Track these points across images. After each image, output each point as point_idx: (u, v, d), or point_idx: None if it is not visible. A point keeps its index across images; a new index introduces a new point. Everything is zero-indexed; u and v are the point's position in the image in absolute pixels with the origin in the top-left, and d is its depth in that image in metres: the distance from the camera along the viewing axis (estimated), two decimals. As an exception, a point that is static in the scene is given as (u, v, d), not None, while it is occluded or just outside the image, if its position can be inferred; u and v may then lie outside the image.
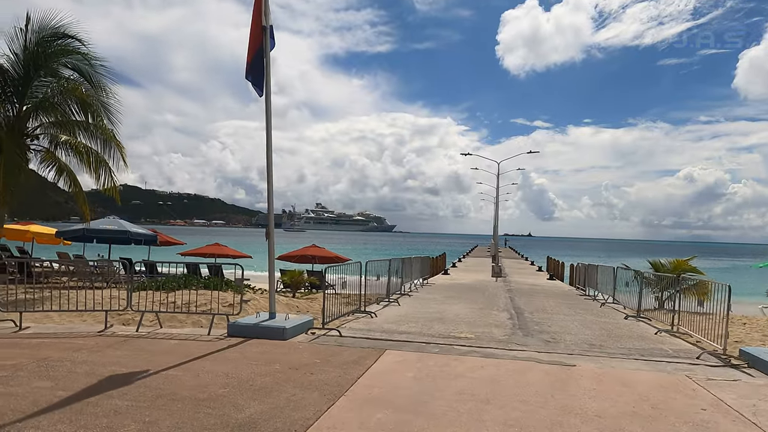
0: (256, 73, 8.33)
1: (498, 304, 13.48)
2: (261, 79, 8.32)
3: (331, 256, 18.06)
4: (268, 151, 8.35)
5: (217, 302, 9.43)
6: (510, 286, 19.70)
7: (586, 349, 7.86)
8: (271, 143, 8.35)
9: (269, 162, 8.35)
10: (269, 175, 8.35)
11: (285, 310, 10.97)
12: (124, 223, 15.34)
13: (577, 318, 11.24)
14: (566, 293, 17.61)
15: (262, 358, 6.58)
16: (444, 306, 12.55)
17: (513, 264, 38.73)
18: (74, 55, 12.28)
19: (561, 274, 27.33)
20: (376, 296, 12.60)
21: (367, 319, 10.00)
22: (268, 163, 8.35)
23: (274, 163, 8.40)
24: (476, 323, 9.96)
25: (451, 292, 16.49)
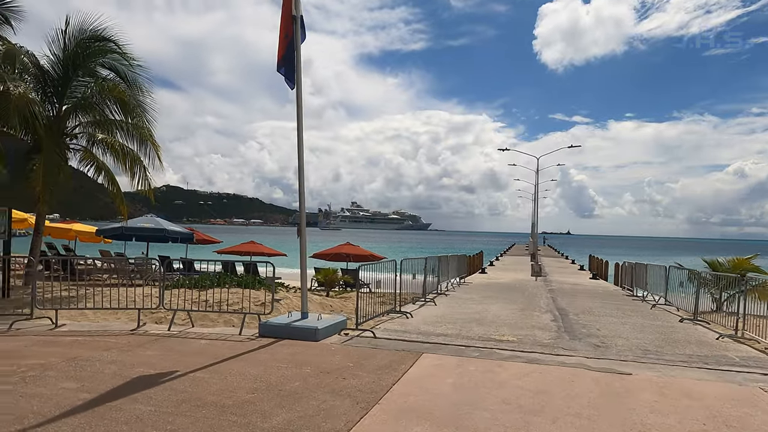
0: (288, 66, 8.07)
1: (539, 304, 12.85)
2: (293, 72, 8.05)
3: (365, 255, 17.77)
4: (300, 146, 8.08)
5: (249, 301, 9.24)
6: (551, 285, 18.92)
7: (641, 355, 7.22)
8: (302, 138, 8.08)
9: (300, 157, 8.08)
10: (300, 171, 8.08)
11: (318, 310, 10.71)
12: (161, 221, 15.50)
13: (627, 320, 10.52)
14: (612, 293, 16.73)
15: (293, 360, 6.29)
16: (482, 306, 12.03)
17: (553, 263, 37.55)
18: (111, 55, 12.43)
19: (605, 274, 26.21)
20: (412, 296, 12.21)
21: (402, 319, 9.62)
22: (300, 158, 8.08)
23: (310, 163, 8.30)
24: (518, 325, 9.42)
25: (489, 291, 15.92)
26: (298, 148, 8.07)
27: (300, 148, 8.06)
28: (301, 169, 8.07)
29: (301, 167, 8.07)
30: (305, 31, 8.43)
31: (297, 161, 8.06)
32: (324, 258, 18.30)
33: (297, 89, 8.10)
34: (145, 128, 13.10)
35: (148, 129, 13.09)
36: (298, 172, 8.05)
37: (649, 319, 10.95)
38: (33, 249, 11.55)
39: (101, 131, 12.55)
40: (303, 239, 8.15)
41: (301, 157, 8.07)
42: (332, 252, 17.75)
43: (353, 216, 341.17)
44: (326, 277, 12.74)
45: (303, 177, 8.06)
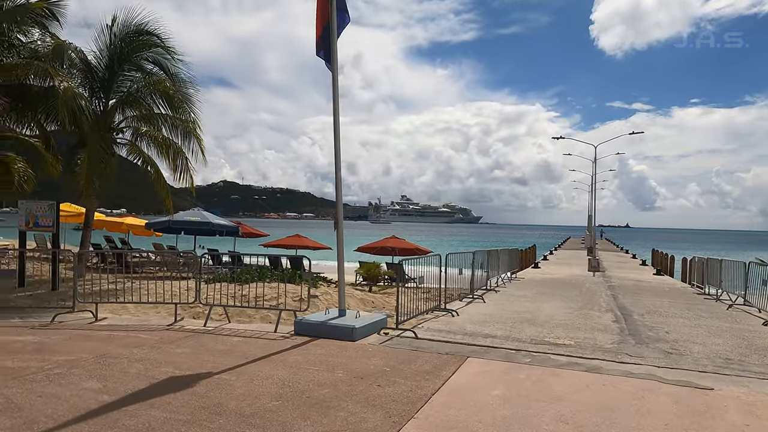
0: (327, 49, 7.60)
1: (599, 303, 11.85)
2: (330, 54, 7.57)
3: (411, 248, 17.21)
4: (336, 132, 7.60)
5: (287, 296, 8.92)
6: (611, 282, 17.66)
7: (722, 365, 6.27)
8: (338, 123, 7.60)
9: (337, 143, 7.60)
10: (337, 158, 7.61)
11: (359, 306, 10.28)
12: (207, 215, 15.59)
13: (701, 323, 9.42)
14: (680, 292, 15.35)
15: (326, 362, 5.84)
16: (535, 304, 11.20)
17: (611, 257, 35.55)
18: (155, 49, 12.43)
19: (670, 270, 24.41)
20: (459, 292, 11.55)
21: (447, 318, 9.00)
22: (336, 145, 7.61)
23: (360, 157, 8.47)
24: (575, 326, 8.59)
25: (543, 288, 14.97)
26: (335, 133, 7.60)
27: (336, 133, 7.59)
28: (337, 156, 7.60)
29: (338, 154, 7.60)
30: (348, 15, 7.91)
31: (333, 150, 7.60)
32: (369, 252, 17.90)
33: (333, 72, 7.62)
34: (190, 121, 13.09)
35: (193, 122, 13.07)
36: (335, 160, 7.59)
37: (727, 321, 9.78)
38: (83, 242, 11.76)
39: (146, 124, 12.61)
40: (340, 232, 7.69)
41: (338, 142, 7.60)
42: (377, 245, 17.30)
43: (403, 209, 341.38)
44: (369, 271, 12.29)
45: (339, 164, 7.59)
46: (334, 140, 7.61)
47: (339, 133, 7.60)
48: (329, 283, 12.44)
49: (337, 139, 7.59)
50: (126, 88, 12.24)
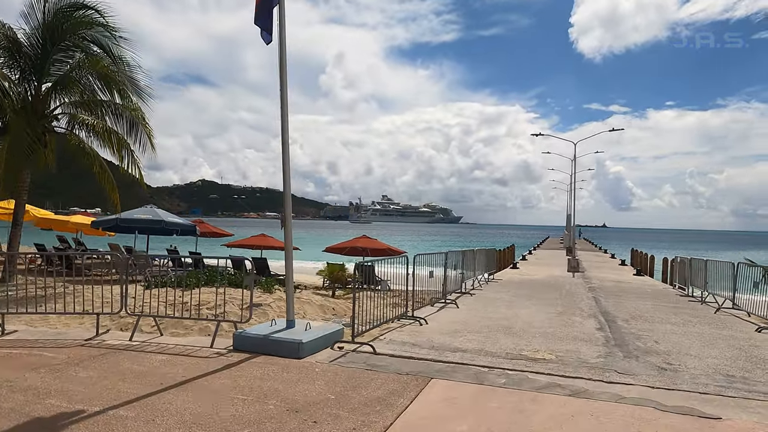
0: (265, 17, 6.55)
1: (580, 307, 11.03)
2: (270, 24, 6.53)
3: (382, 248, 16.21)
4: (283, 117, 6.56)
5: (234, 304, 7.84)
6: (591, 283, 16.96)
7: (724, 384, 5.43)
8: (286, 105, 6.56)
9: (285, 128, 6.56)
10: (284, 144, 6.56)
11: (317, 314, 9.25)
12: (160, 213, 14.36)
13: (691, 330, 8.64)
14: (662, 293, 14.69)
15: (259, 388, 4.81)
16: (513, 310, 10.32)
17: (590, 257, 35.13)
18: (96, 28, 11.18)
19: (650, 270, 23.93)
20: (431, 296, 10.62)
21: (414, 327, 8.03)
22: (284, 129, 6.57)
23: (342, 157, 6.86)
24: (556, 336, 7.70)
25: (521, 290, 14.14)
26: (282, 118, 6.56)
27: (284, 117, 6.55)
28: (285, 143, 6.55)
29: (285, 140, 6.55)
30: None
31: (281, 135, 6.56)
32: (338, 252, 16.84)
33: (281, 47, 6.58)
34: (138, 110, 11.89)
35: (140, 110, 11.87)
36: (282, 147, 6.54)
37: (718, 327, 9.03)
38: (10, 243, 10.48)
39: (86, 112, 11.37)
40: (288, 231, 6.65)
41: (286, 126, 6.56)
42: (347, 246, 16.25)
43: (384, 209, 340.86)
44: (331, 274, 11.16)
45: (288, 150, 6.55)
46: (281, 124, 6.57)
47: (287, 115, 6.56)
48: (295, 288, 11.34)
49: (285, 120, 6.56)
50: (62, 71, 10.96)
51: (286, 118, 6.54)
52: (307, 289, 11.91)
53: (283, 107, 6.53)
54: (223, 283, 9.44)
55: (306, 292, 10.71)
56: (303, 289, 11.88)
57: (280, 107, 6.53)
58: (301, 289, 11.85)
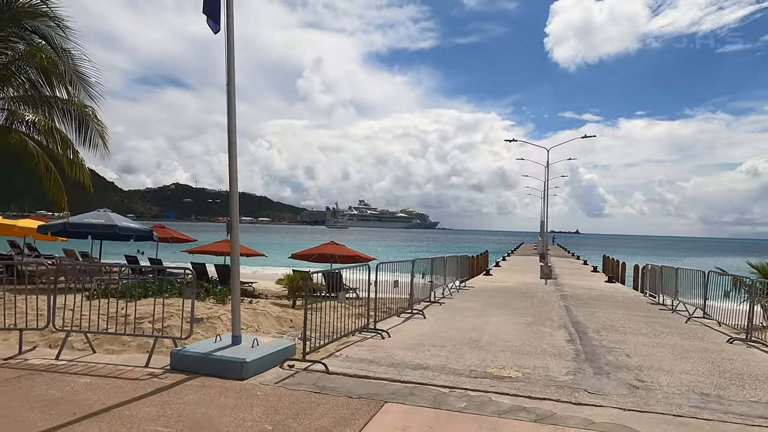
0: (213, 4, 6.01)
1: (551, 316, 10.70)
2: (218, 12, 5.99)
3: (351, 255, 15.68)
4: (230, 113, 6.01)
5: (183, 317, 7.20)
6: (563, 290, 16.73)
7: (699, 404, 5.08)
8: (233, 98, 6.02)
9: (231, 124, 6.01)
10: (231, 144, 6.01)
11: (273, 326, 8.66)
12: (114, 217, 13.51)
13: (662, 341, 8.36)
14: (634, 301, 14.52)
15: (188, 418, 4.23)
16: (482, 319, 9.91)
17: (563, 263, 35.23)
18: (40, 18, 10.41)
19: (621, 277, 23.94)
20: (399, 305, 10.15)
21: (375, 341, 7.52)
22: (230, 127, 6.01)
23: (319, 162, 6.23)
24: (524, 350, 7.29)
25: (492, 298, 13.78)
26: (228, 114, 6.01)
27: (231, 112, 6.00)
28: (231, 143, 6.00)
29: (233, 140, 6.00)
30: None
31: (227, 133, 6.01)
32: (304, 259, 16.24)
33: (228, 39, 6.04)
34: (89, 106, 11.15)
35: (90, 107, 11.13)
36: (228, 146, 5.98)
37: (689, 338, 8.77)
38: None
39: (30, 108, 10.57)
40: (235, 236, 6.08)
41: (233, 125, 6.01)
42: (313, 252, 15.67)
43: (361, 214, 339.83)
44: (291, 283, 10.47)
45: (235, 151, 5.99)
46: (227, 121, 6.01)
47: (234, 110, 6.01)
48: (252, 297, 10.73)
49: (232, 115, 6.01)
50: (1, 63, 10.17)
51: (233, 112, 5.99)
52: (267, 298, 11.26)
53: (230, 102, 5.98)
54: (173, 293, 8.76)
55: (264, 303, 10.09)
56: (261, 299, 11.23)
57: (227, 102, 5.98)
58: (265, 297, 11.21)
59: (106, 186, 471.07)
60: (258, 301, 9.88)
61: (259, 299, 10.74)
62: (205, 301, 8.76)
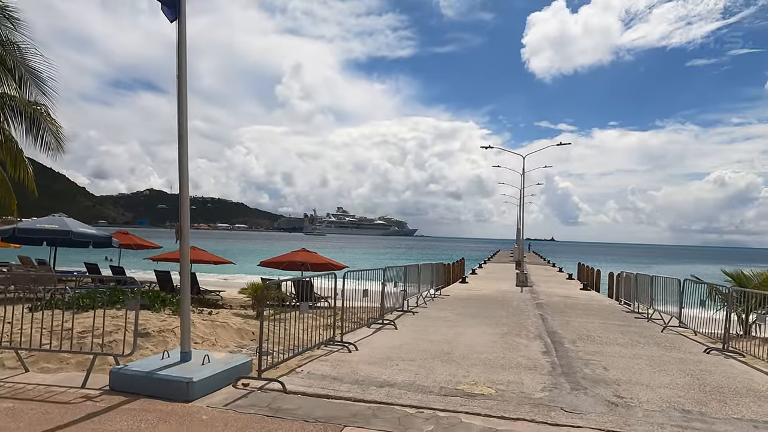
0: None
1: (526, 326, 10.40)
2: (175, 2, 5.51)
3: (322, 263, 15.17)
4: (181, 107, 5.52)
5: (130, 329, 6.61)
6: (539, 298, 16.52)
7: (683, 422, 4.76)
8: (185, 96, 5.53)
9: (182, 119, 5.52)
10: (181, 139, 5.51)
11: (234, 339, 8.12)
12: (69, 222, 12.73)
13: (640, 352, 8.10)
14: (609, 309, 14.35)
15: (115, 449, 3.70)
16: (456, 330, 9.53)
17: (539, 271, 35.28)
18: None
19: (596, 285, 23.97)
20: (370, 316, 9.69)
21: (341, 355, 7.06)
22: (181, 123, 5.52)
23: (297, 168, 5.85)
24: (498, 363, 6.92)
25: (467, 307, 13.44)
26: (179, 109, 5.51)
27: (182, 106, 5.50)
28: (183, 139, 5.50)
29: (183, 136, 5.50)
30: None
31: (178, 129, 5.51)
32: (275, 266, 15.66)
33: (179, 28, 5.56)
34: (42, 104, 10.47)
35: (43, 105, 10.45)
36: (179, 144, 5.48)
37: (666, 348, 8.54)
38: None
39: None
40: (184, 242, 5.56)
41: (184, 117, 5.51)
42: (284, 260, 15.09)
43: (339, 221, 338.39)
44: (255, 292, 9.88)
45: (185, 148, 5.50)
46: (178, 117, 5.51)
47: (185, 104, 5.52)
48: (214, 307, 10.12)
49: (183, 109, 5.51)
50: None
51: (184, 104, 5.50)
52: (231, 308, 10.68)
53: (180, 95, 5.49)
54: (125, 304, 8.11)
55: (225, 313, 9.51)
56: (225, 309, 10.62)
57: (177, 96, 5.48)
58: (219, 310, 10.61)
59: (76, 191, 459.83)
60: (219, 311, 9.30)
61: (222, 309, 10.14)
62: (160, 312, 8.16)
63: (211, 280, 24.15)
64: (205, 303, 12.16)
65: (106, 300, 8.07)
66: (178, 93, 5.47)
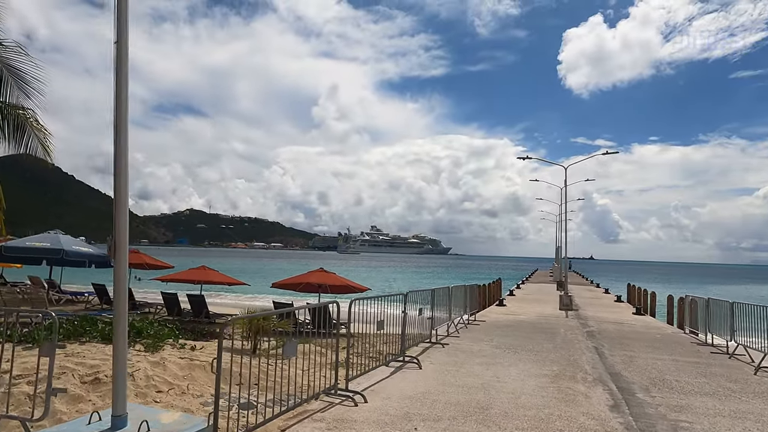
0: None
1: (581, 363, 8.52)
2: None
3: (341, 284, 13.65)
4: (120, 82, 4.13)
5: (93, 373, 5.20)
6: (588, 325, 14.47)
7: None
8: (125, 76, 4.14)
9: (121, 100, 4.12)
10: (119, 127, 4.11)
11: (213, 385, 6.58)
12: (64, 240, 11.68)
13: (741, 408, 6.14)
14: (674, 341, 12.20)
15: None
16: (494, 369, 7.76)
17: (582, 292, 32.70)
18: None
19: (651, 309, 21.49)
20: (388, 350, 8.06)
21: (343, 409, 5.44)
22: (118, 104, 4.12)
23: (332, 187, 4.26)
24: (553, 426, 5.15)
25: (506, 336, 11.59)
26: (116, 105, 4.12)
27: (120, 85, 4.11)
28: (121, 123, 4.09)
29: (122, 122, 4.09)
30: None
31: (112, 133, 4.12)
32: (289, 288, 14.22)
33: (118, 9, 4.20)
34: (29, 109, 9.49)
35: (30, 110, 9.46)
36: (114, 132, 4.08)
37: (773, 401, 6.54)
38: None
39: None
40: (120, 261, 4.10)
41: (123, 118, 4.11)
42: (299, 281, 13.60)
43: (373, 240, 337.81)
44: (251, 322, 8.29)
45: (124, 136, 4.08)
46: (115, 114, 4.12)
47: (125, 79, 4.12)
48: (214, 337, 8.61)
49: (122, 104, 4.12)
50: None
51: (124, 84, 4.11)
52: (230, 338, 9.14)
53: (120, 74, 4.10)
54: (93, 337, 6.76)
55: (213, 346, 8.00)
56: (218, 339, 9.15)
57: (114, 73, 4.10)
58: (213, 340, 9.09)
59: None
60: (203, 346, 7.78)
61: (213, 340, 8.65)
62: (133, 346, 6.73)
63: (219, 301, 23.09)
64: (201, 332, 10.72)
65: (16, 335, 6.62)
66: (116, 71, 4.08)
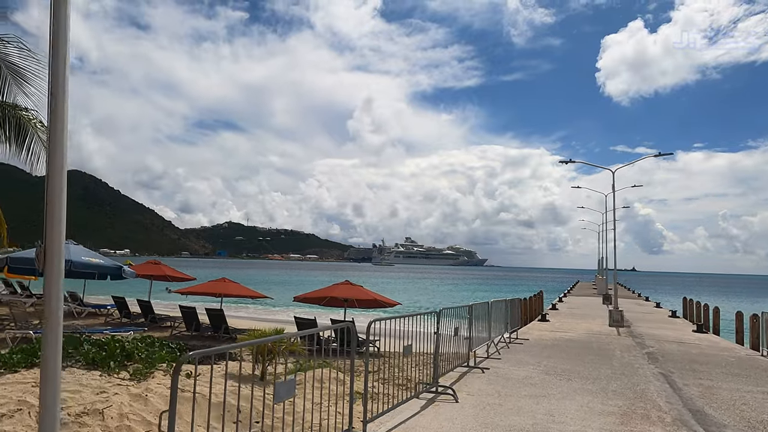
0: None
1: (650, 395, 7.10)
2: None
3: (368, 299, 12.53)
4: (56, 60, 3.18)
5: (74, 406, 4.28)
6: (646, 344, 12.85)
7: None
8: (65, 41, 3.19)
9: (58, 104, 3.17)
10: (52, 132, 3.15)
11: (203, 423, 5.55)
12: (73, 250, 11.01)
13: None
14: (752, 365, 10.50)
15: None
16: (545, 404, 6.45)
17: (631, 305, 30.45)
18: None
19: (714, 326, 19.44)
20: (419, 376, 6.89)
21: (358, 462, 4.29)
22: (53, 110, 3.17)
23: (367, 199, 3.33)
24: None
25: (554, 358, 10.20)
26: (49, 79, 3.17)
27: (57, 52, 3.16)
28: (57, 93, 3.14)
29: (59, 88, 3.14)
30: None
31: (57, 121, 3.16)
32: (311, 302, 13.22)
33: None
34: (32, 110, 8.91)
35: (33, 111, 8.87)
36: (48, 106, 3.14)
37: None
38: None
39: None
40: (51, 273, 3.11)
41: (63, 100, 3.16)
42: (324, 295, 12.53)
43: (407, 251, 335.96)
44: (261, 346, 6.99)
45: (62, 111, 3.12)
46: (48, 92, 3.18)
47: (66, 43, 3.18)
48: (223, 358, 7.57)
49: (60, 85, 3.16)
50: None
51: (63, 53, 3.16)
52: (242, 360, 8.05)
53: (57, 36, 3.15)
54: (77, 360, 5.88)
55: (217, 370, 6.94)
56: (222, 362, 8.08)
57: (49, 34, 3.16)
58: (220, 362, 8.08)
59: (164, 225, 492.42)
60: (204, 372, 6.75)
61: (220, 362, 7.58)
62: (118, 373, 5.81)
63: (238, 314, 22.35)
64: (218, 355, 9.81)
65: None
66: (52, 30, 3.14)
